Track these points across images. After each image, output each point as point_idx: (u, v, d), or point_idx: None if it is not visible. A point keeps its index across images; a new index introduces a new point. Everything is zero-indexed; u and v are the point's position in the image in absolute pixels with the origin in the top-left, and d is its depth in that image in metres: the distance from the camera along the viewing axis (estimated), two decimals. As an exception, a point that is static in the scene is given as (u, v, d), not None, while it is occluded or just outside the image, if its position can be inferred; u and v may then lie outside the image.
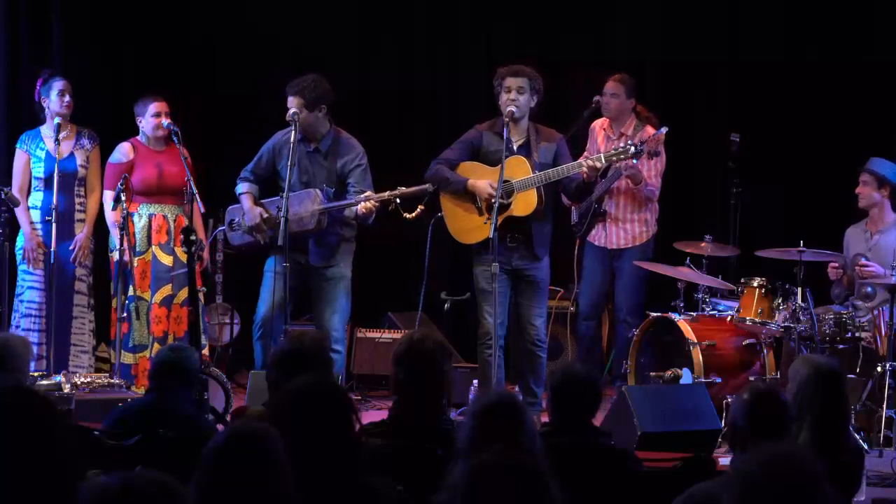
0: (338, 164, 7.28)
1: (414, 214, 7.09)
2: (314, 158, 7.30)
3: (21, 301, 7.79)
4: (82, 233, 7.77)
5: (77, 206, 7.80)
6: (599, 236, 8.33)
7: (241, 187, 7.42)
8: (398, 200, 7.04)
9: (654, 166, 8.15)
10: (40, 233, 7.74)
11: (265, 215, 7.29)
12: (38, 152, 7.79)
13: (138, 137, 7.73)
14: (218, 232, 7.62)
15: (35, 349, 7.63)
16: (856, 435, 6.51)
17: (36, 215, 7.77)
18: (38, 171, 7.77)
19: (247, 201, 7.38)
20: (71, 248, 7.75)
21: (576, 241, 8.46)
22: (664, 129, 7.70)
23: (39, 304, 7.75)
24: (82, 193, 7.84)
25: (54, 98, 7.73)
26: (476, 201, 7.19)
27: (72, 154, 7.79)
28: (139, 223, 7.62)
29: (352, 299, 7.55)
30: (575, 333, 8.72)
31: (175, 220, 7.62)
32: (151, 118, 7.63)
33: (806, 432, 4.25)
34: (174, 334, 7.54)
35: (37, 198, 7.78)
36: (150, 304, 7.56)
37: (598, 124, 8.38)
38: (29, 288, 7.78)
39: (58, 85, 7.73)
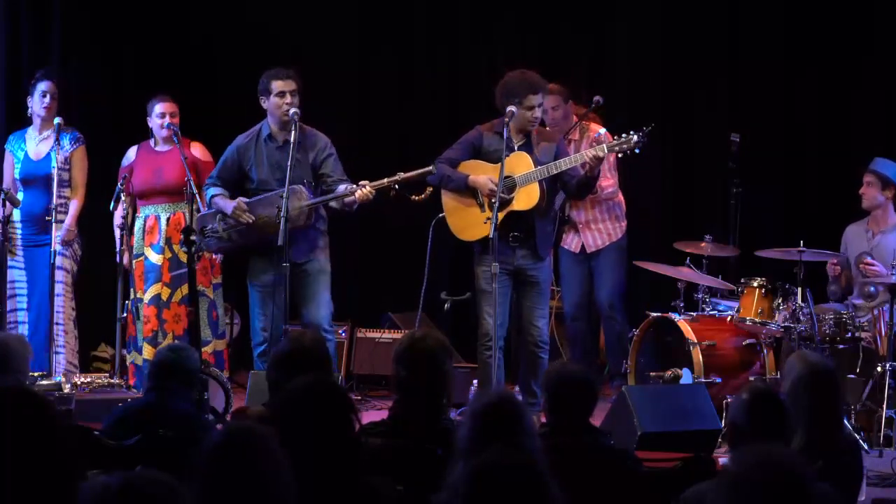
0: (309, 157, 7.23)
1: (423, 196, 7.05)
2: (284, 152, 7.20)
3: (9, 285, 7.82)
4: (66, 222, 7.74)
5: (58, 207, 7.74)
6: (572, 242, 8.33)
7: (211, 191, 7.34)
8: (397, 186, 7.01)
9: (605, 162, 8.08)
10: (18, 233, 7.78)
11: (247, 202, 7.23)
12: (18, 153, 7.85)
13: (150, 141, 7.75)
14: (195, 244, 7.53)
15: (27, 329, 7.70)
16: (855, 434, 6.52)
17: (16, 215, 7.80)
18: (17, 171, 7.84)
19: (223, 200, 7.29)
20: (50, 245, 7.73)
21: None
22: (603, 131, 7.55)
23: (23, 284, 7.81)
24: (64, 194, 7.83)
25: (37, 99, 7.79)
26: (477, 197, 7.19)
27: (48, 155, 7.78)
28: (138, 225, 7.64)
29: (352, 299, 7.54)
30: (567, 336, 8.71)
31: (168, 219, 7.62)
32: (157, 118, 7.65)
33: (800, 430, 4.25)
34: (173, 332, 7.53)
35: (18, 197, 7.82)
36: (142, 304, 7.57)
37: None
38: (10, 268, 7.82)
39: (41, 86, 7.79)
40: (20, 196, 7.81)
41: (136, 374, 7.51)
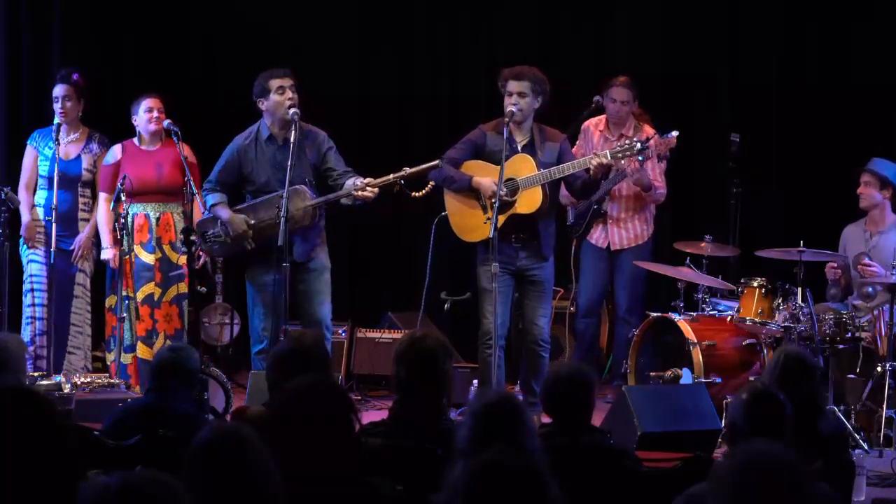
0: (309, 154, 7.22)
1: (423, 193, 7.03)
2: (284, 151, 7.18)
3: (25, 280, 7.81)
4: (83, 233, 7.79)
5: (81, 207, 7.82)
6: (599, 237, 8.35)
7: (212, 198, 7.25)
8: (402, 182, 7.00)
9: (659, 165, 8.17)
10: (42, 225, 7.79)
11: (251, 221, 7.17)
12: (45, 150, 7.83)
13: (133, 139, 7.75)
14: (195, 244, 7.47)
15: (40, 325, 7.69)
16: (846, 427, 6.52)
17: (40, 213, 7.82)
18: (44, 169, 7.82)
19: (223, 211, 7.22)
20: (71, 248, 7.78)
21: (572, 240, 8.47)
22: (675, 133, 7.68)
23: (42, 279, 7.79)
24: (88, 195, 7.86)
25: (54, 104, 7.78)
26: (480, 199, 7.19)
27: (78, 157, 7.82)
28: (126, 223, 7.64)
29: (352, 299, 7.53)
30: (574, 333, 8.72)
31: (157, 219, 7.62)
32: (144, 113, 7.65)
33: None
34: (164, 332, 7.54)
35: (41, 196, 7.84)
36: (136, 304, 7.58)
37: (593, 124, 8.37)
38: (30, 262, 7.82)
39: (54, 91, 7.82)
40: (43, 194, 7.80)
41: (119, 373, 7.48)
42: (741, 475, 2.69)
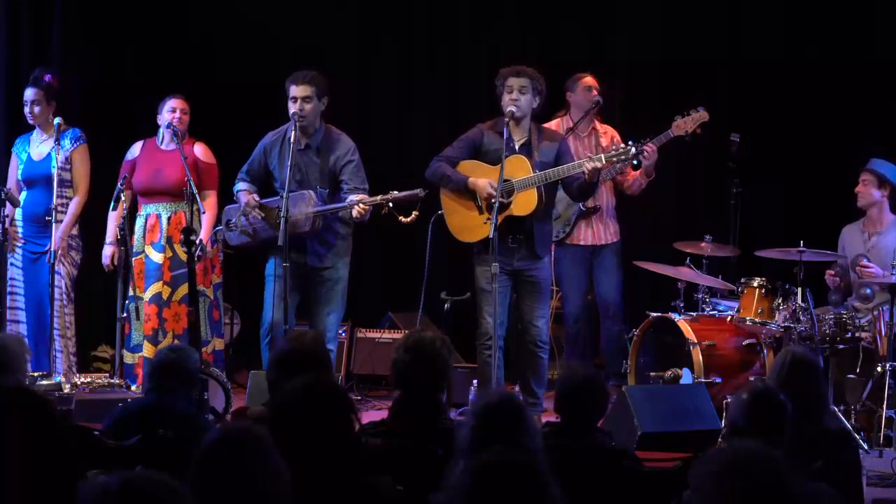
0: (330, 161, 7.29)
1: (410, 219, 7.07)
2: (305, 155, 7.29)
3: (9, 282, 7.87)
4: (57, 233, 7.70)
5: (59, 207, 7.77)
6: (586, 235, 8.33)
7: (239, 186, 7.48)
8: (391, 205, 7.04)
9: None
10: (19, 229, 7.81)
11: (261, 202, 7.30)
12: (22, 155, 7.90)
13: (156, 137, 7.76)
14: (216, 231, 7.61)
15: (14, 328, 7.73)
16: (849, 428, 6.52)
17: (18, 214, 7.85)
18: (19, 172, 7.88)
19: (243, 196, 7.41)
20: (45, 250, 7.73)
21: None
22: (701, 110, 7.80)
23: (18, 282, 7.85)
24: (66, 194, 7.84)
25: (24, 107, 7.82)
26: (476, 199, 7.19)
27: (48, 155, 7.80)
28: (139, 224, 7.65)
29: (352, 299, 7.53)
30: (565, 338, 8.69)
31: (169, 218, 7.63)
32: (167, 113, 7.66)
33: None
34: (172, 331, 7.54)
35: (20, 198, 7.85)
36: (136, 304, 7.57)
37: (555, 123, 8.31)
38: (11, 265, 7.89)
39: (25, 94, 7.87)
40: (23, 196, 7.85)
41: (125, 373, 7.49)
42: (722, 476, 2.69)
